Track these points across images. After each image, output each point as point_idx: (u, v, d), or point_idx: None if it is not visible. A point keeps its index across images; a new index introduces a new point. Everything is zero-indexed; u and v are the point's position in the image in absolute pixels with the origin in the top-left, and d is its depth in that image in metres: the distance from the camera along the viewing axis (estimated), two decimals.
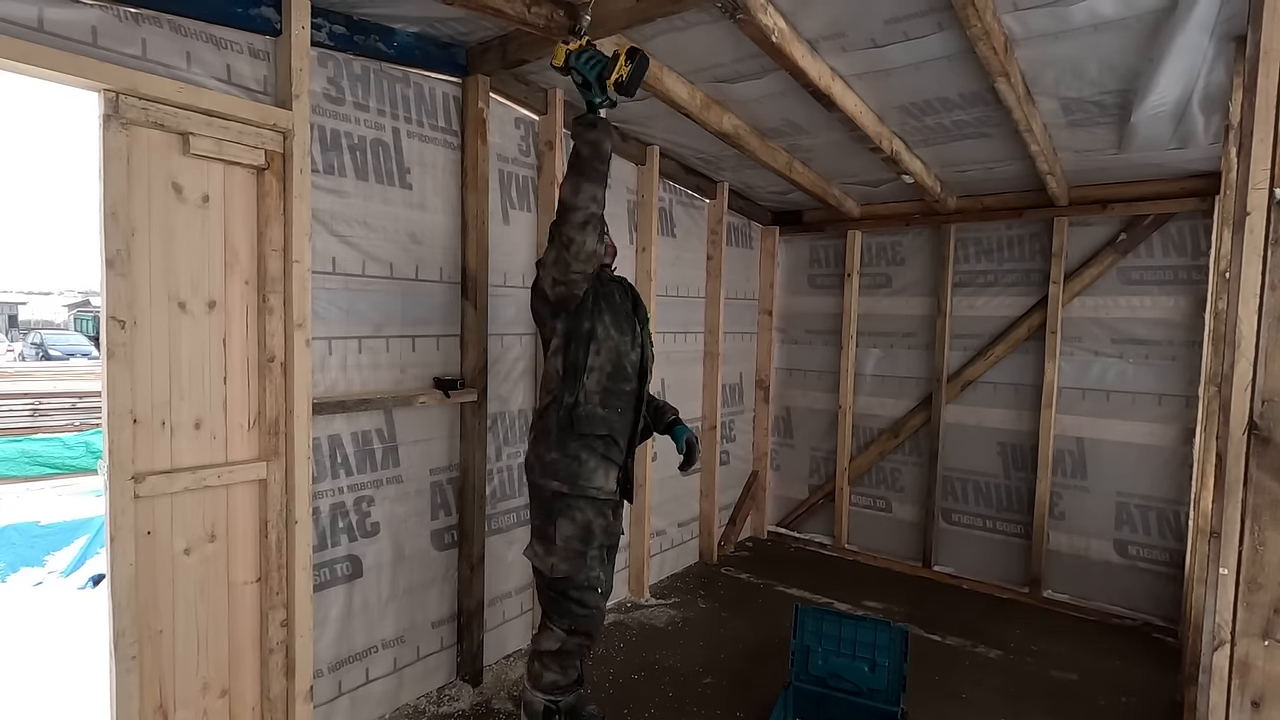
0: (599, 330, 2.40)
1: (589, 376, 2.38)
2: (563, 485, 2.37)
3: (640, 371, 2.52)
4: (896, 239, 4.79)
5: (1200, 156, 3.30)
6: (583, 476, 2.37)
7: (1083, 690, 3.22)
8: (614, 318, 2.45)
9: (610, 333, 2.42)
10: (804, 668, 2.88)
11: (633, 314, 2.55)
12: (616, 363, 2.43)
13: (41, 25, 1.86)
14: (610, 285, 2.52)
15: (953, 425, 4.58)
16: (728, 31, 2.50)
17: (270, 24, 2.28)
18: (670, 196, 4.27)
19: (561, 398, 2.40)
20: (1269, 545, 1.23)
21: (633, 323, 2.53)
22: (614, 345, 2.42)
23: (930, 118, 3.15)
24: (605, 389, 2.40)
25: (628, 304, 2.55)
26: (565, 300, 2.39)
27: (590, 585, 2.41)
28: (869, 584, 4.43)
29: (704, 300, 4.60)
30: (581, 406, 2.36)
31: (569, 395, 2.38)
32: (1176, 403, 3.86)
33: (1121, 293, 4.01)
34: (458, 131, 2.98)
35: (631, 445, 2.52)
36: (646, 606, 3.99)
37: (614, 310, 2.46)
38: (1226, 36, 2.28)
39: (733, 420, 5.06)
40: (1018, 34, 2.40)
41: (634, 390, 2.49)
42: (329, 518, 2.61)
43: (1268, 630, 1.24)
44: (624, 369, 2.45)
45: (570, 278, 2.33)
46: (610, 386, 2.41)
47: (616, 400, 2.43)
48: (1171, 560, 3.88)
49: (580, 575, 2.38)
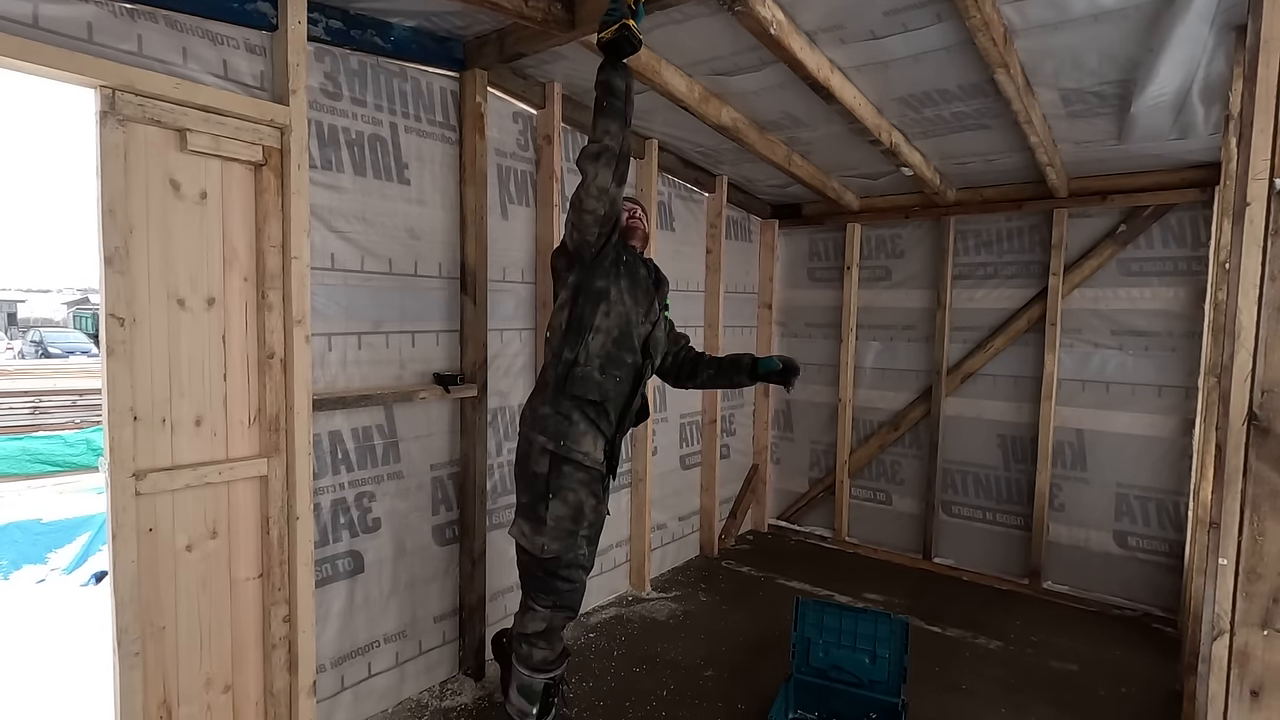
0: (612, 292, 2.36)
1: (593, 337, 2.33)
2: (549, 442, 2.32)
3: (645, 346, 2.47)
4: (896, 232, 4.78)
5: (1200, 147, 3.29)
6: (570, 438, 2.32)
7: (1083, 681, 3.23)
8: (631, 285, 2.41)
9: (624, 298, 2.38)
10: (805, 660, 2.89)
11: (653, 290, 2.53)
12: (624, 329, 2.38)
13: (36, 21, 1.85)
14: (636, 260, 2.51)
15: (953, 418, 4.58)
16: (726, 24, 2.49)
17: (266, 19, 2.27)
18: (669, 190, 4.26)
19: (562, 353, 2.36)
20: (1268, 535, 1.24)
21: (651, 299, 2.50)
22: (625, 312, 2.38)
23: (929, 110, 3.14)
24: (608, 354, 2.35)
25: (650, 281, 2.53)
26: (580, 249, 2.34)
27: (579, 564, 2.38)
28: (869, 576, 4.45)
29: (703, 294, 4.60)
30: (580, 366, 2.32)
31: (569, 351, 2.34)
32: (1176, 394, 3.86)
33: (1121, 284, 4.01)
34: (455, 126, 2.97)
35: (624, 420, 2.46)
36: (647, 600, 4.00)
37: (634, 280, 2.43)
38: (1227, 26, 2.27)
39: (733, 414, 5.07)
40: (1017, 25, 2.39)
41: (636, 364, 2.44)
42: (330, 514, 2.62)
43: (1267, 620, 1.24)
44: (630, 339, 2.40)
45: (583, 219, 2.29)
46: (613, 352, 2.36)
47: (616, 368, 2.37)
48: (1171, 551, 3.89)
49: (570, 554, 2.35)
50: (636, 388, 2.47)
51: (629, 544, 4.10)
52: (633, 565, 4.11)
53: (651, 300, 2.52)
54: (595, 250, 2.35)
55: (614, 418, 2.42)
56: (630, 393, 2.45)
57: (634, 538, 4.09)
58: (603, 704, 2.96)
